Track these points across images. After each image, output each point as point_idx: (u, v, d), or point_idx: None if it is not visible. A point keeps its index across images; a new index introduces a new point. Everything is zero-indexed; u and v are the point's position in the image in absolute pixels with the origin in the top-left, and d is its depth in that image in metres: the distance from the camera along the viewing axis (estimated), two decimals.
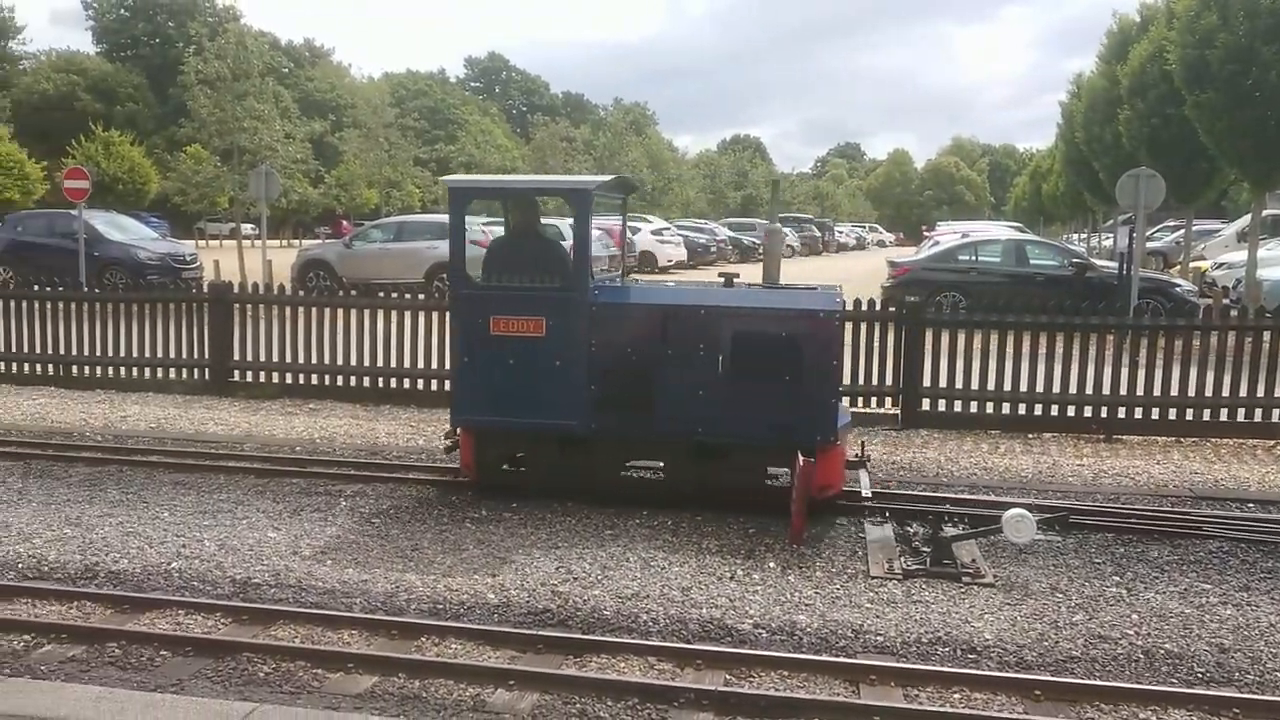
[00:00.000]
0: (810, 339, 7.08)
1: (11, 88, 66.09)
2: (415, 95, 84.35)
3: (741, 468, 7.35)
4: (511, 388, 7.35)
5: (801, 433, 7.04)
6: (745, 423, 7.15)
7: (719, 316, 7.23)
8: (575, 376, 7.26)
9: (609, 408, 7.28)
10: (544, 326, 7.28)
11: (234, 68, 26.35)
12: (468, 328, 7.48)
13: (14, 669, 4.68)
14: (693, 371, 7.18)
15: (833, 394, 7.15)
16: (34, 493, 7.56)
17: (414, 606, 5.55)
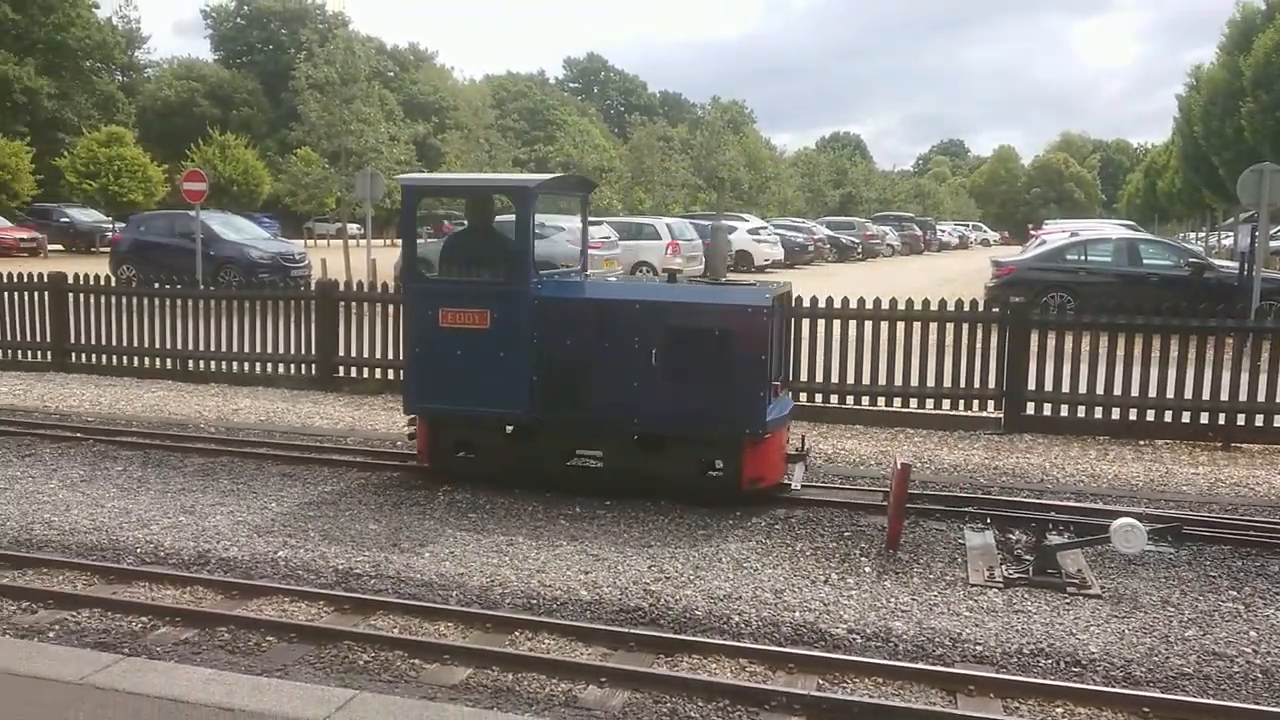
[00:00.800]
0: (738, 333, 7.23)
1: (137, 94, 69.36)
2: (515, 96, 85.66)
3: (678, 458, 7.48)
4: (460, 377, 7.61)
5: (731, 425, 7.22)
6: (678, 414, 7.33)
7: (652, 311, 7.44)
8: (518, 367, 7.50)
9: (550, 398, 7.52)
10: (489, 319, 7.56)
11: (342, 72, 27.14)
12: (419, 319, 7.77)
13: (132, 649, 4.90)
14: (628, 364, 7.37)
15: (761, 387, 7.22)
16: (152, 481, 7.91)
17: (508, 601, 5.63)
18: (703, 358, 7.27)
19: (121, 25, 71.94)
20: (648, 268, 24.35)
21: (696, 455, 7.50)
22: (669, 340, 7.33)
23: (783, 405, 7.77)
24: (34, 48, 58.04)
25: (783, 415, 7.65)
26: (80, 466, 8.30)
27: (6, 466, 8.26)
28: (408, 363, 8.03)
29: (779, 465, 7.60)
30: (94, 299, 12.73)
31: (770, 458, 7.44)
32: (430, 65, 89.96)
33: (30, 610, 5.41)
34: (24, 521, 6.84)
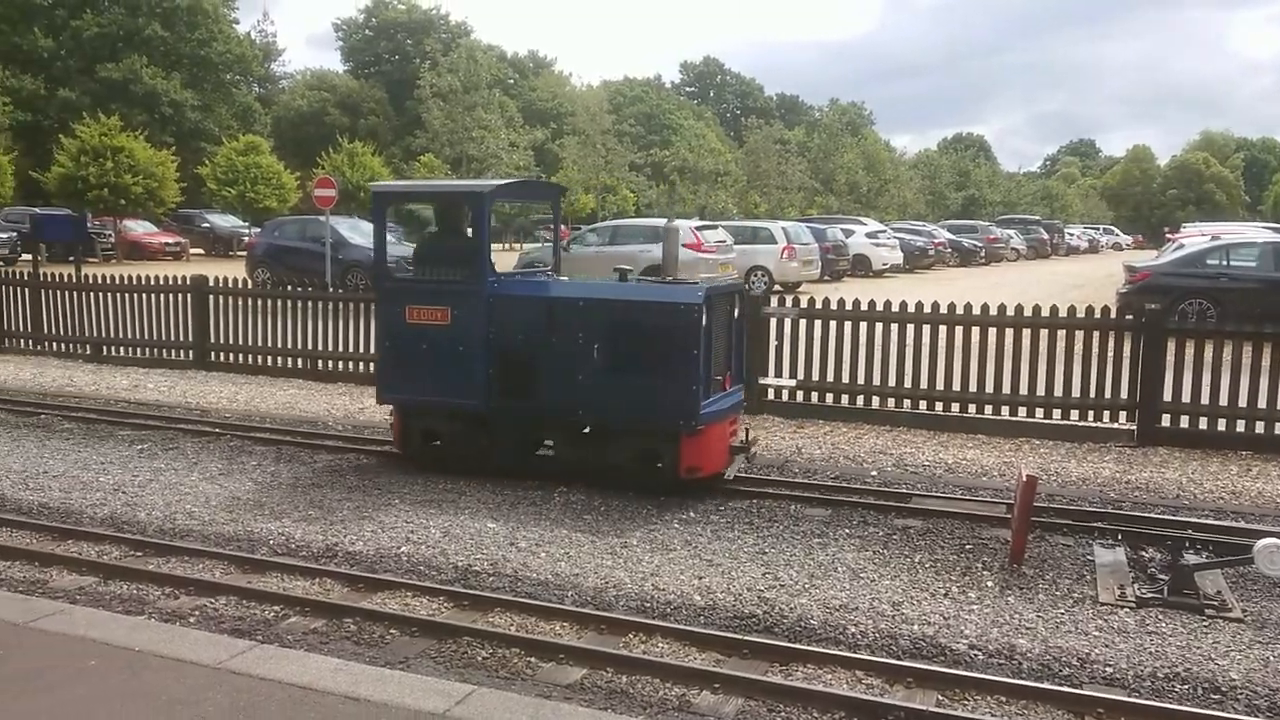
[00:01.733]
0: (672, 329, 7.49)
1: (272, 105, 72.58)
2: (632, 101, 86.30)
3: (622, 448, 7.77)
4: (424, 370, 8.16)
5: (667, 417, 7.49)
6: (619, 406, 7.66)
7: (593, 308, 7.81)
8: (476, 361, 7.97)
9: (505, 390, 7.96)
10: (449, 316, 8.07)
11: (464, 80, 27.91)
12: (388, 316, 8.37)
13: (265, 636, 5.13)
14: (573, 358, 7.74)
15: (695, 380, 7.41)
16: (284, 476, 8.25)
17: (622, 603, 5.67)
18: (639, 353, 7.59)
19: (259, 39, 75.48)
20: (763, 272, 24.19)
21: (638, 445, 7.76)
22: (609, 336, 7.68)
23: (728, 399, 7.97)
24: (180, 62, 61.38)
25: (723, 408, 7.83)
26: (219, 460, 8.72)
27: (152, 459, 8.75)
28: (378, 356, 8.68)
29: (719, 456, 7.79)
30: (232, 301, 13.36)
31: (708, 449, 7.65)
32: (549, 72, 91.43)
33: (173, 596, 5.72)
34: (168, 512, 7.23)
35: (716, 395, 7.77)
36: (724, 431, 7.91)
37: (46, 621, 4.82)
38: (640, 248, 21.38)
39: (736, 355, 8.34)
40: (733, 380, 8.23)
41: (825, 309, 10.55)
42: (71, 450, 9.01)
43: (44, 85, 56.45)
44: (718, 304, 7.84)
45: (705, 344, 7.53)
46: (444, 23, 79.95)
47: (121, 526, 6.93)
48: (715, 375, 7.81)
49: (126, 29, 59.19)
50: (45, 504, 7.43)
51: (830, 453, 9.14)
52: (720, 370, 7.96)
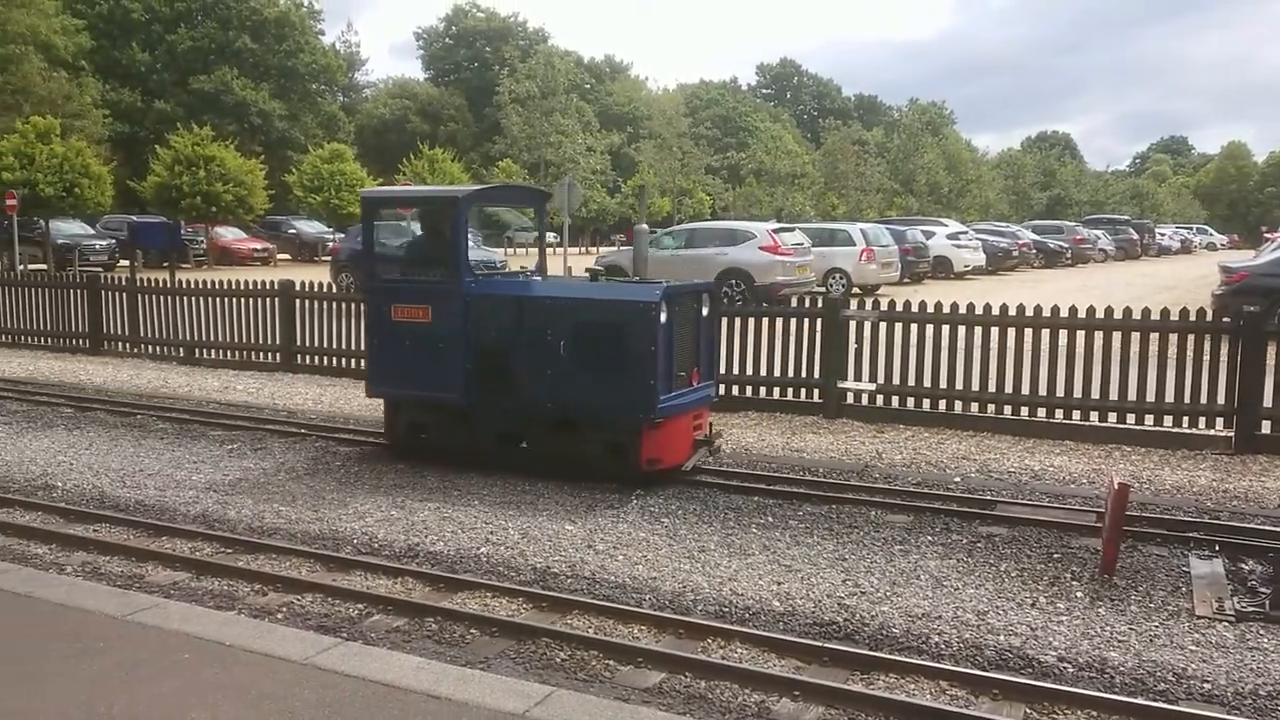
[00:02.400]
0: (630, 327, 7.82)
1: (355, 114, 74.24)
2: (708, 104, 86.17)
3: (589, 440, 8.12)
4: (408, 365, 8.61)
5: (627, 410, 7.83)
6: (584, 400, 8.03)
7: (559, 307, 8.20)
8: (455, 357, 8.38)
9: (482, 384, 8.35)
10: (430, 314, 8.50)
11: (542, 86, 28.17)
12: (376, 314, 8.84)
13: (350, 634, 5.22)
14: (542, 354, 8.12)
15: (652, 376, 7.69)
16: (366, 476, 8.41)
17: (700, 608, 5.64)
18: (601, 349, 7.93)
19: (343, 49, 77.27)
20: (841, 275, 23.92)
21: (603, 438, 8.08)
22: (574, 333, 8.04)
23: (691, 394, 8.25)
24: (268, 73, 63.18)
25: (686, 403, 8.13)
26: (304, 460, 8.92)
27: (242, 459, 8.99)
28: (367, 352, 9.13)
29: (681, 449, 8.12)
30: (317, 305, 13.68)
31: (668, 441, 7.98)
32: (625, 76, 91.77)
33: (262, 593, 5.87)
34: (257, 510, 7.43)
35: (680, 390, 8.08)
36: (686, 425, 8.21)
37: (143, 615, 4.98)
38: (717, 250, 21.31)
39: (706, 352, 8.61)
40: (701, 376, 8.50)
41: (906, 311, 10.38)
42: (166, 449, 9.32)
43: (141, 98, 58.65)
44: (680, 303, 8.14)
45: (664, 341, 7.81)
46: (522, 29, 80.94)
47: (213, 524, 7.14)
48: (678, 371, 8.10)
49: (218, 42, 61.13)
50: (142, 501, 7.69)
51: (911, 458, 8.98)
52: (685, 366, 8.24)
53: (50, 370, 13.99)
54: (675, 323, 8.02)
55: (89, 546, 6.62)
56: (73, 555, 6.51)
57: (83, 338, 15.65)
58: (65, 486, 8.10)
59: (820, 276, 23.13)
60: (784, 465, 8.73)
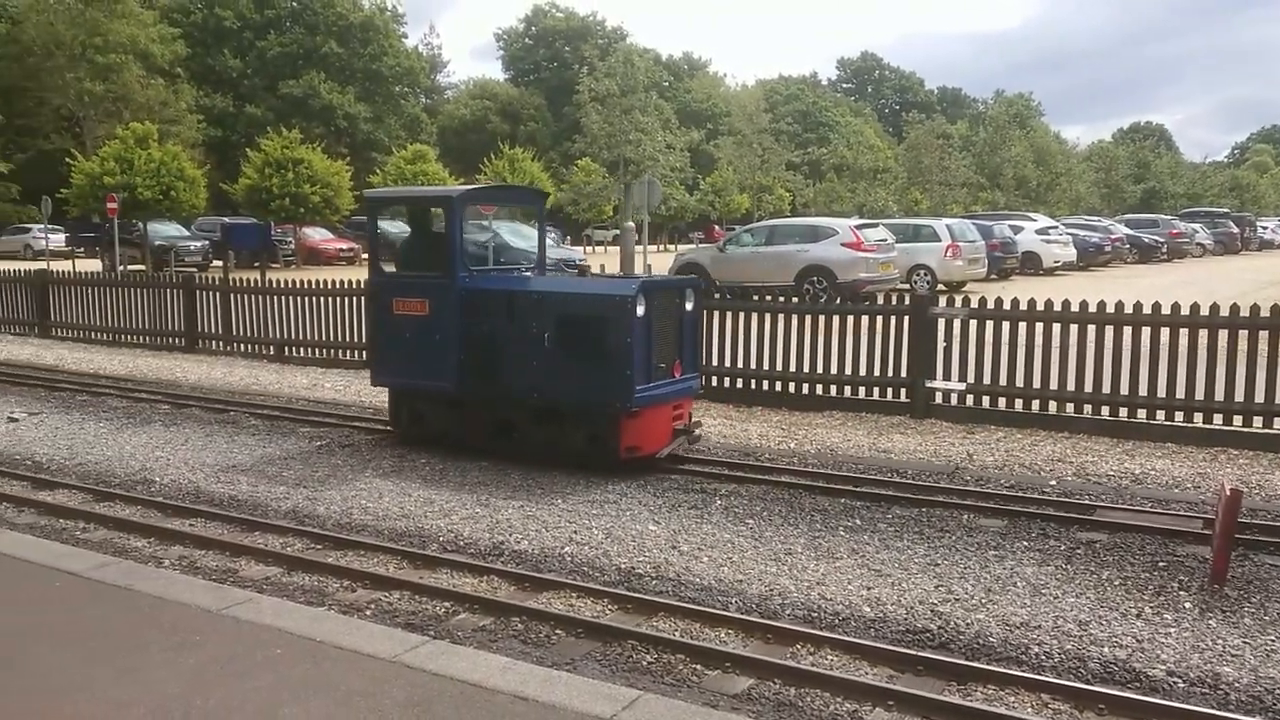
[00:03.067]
0: (607, 319, 8.14)
1: (437, 115, 75.39)
2: (787, 100, 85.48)
3: (572, 428, 8.48)
4: (408, 356, 9.03)
5: (605, 399, 8.15)
6: (566, 389, 8.36)
7: (543, 301, 8.57)
8: (449, 348, 8.78)
9: (475, 374, 8.75)
10: (428, 307, 8.91)
11: (621, 84, 28.17)
12: (379, 308, 9.36)
13: (437, 632, 5.24)
14: (528, 345, 8.49)
15: (629, 366, 7.98)
16: (450, 474, 8.47)
17: (788, 612, 5.53)
18: (581, 341, 8.27)
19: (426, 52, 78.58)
20: (926, 271, 23.43)
21: (585, 426, 8.42)
22: (557, 326, 8.39)
23: (672, 385, 8.50)
24: (354, 77, 64.57)
25: (665, 393, 8.40)
26: (390, 458, 9.02)
27: (330, 455, 9.15)
28: (370, 344, 9.72)
29: (659, 437, 8.40)
30: None
31: (646, 430, 8.29)
32: (704, 73, 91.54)
33: (351, 589, 5.93)
34: (345, 506, 7.53)
35: (660, 381, 8.35)
36: (665, 414, 8.48)
37: (237, 610, 5.06)
38: (797, 247, 21.03)
39: (689, 345, 8.87)
40: (684, 368, 8.73)
41: (997, 309, 10.08)
42: (258, 445, 9.52)
43: (233, 103, 60.46)
44: (659, 297, 8.44)
45: (640, 334, 8.11)
46: (601, 28, 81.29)
47: (303, 520, 7.26)
48: (658, 363, 8.38)
49: (305, 47, 62.69)
50: (235, 496, 7.86)
51: (1004, 460, 8.71)
52: (665, 358, 8.49)
53: (148, 368, 14.45)
54: (654, 316, 8.29)
55: (185, 540, 6.79)
56: (170, 549, 6.67)
57: (179, 336, 16.14)
58: (162, 481, 8.33)
59: (904, 273, 22.67)
60: (870, 466, 8.55)
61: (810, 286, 19.59)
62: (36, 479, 8.35)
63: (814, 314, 11.11)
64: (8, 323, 18.86)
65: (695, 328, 9.07)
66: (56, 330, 17.98)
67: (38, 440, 9.84)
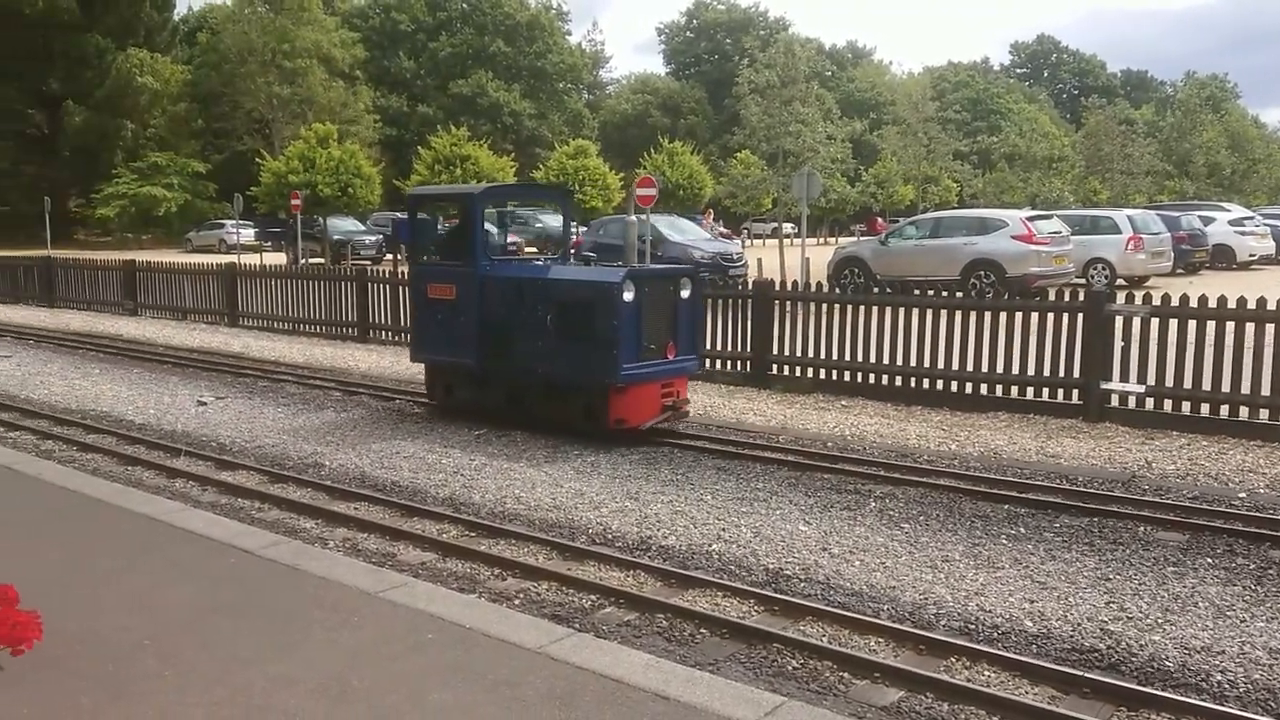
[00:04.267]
0: (597, 303, 8.97)
1: (599, 110, 76.53)
2: (956, 87, 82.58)
3: (570, 401, 9.43)
4: (440, 335, 10.17)
5: (595, 376, 9.02)
6: (565, 367, 9.27)
7: (546, 286, 9.52)
8: (472, 328, 9.76)
9: (491, 352, 9.73)
10: (454, 292, 9.95)
11: (782, 75, 27.75)
12: (416, 293, 10.50)
13: (582, 625, 5.28)
14: (535, 327, 9.39)
15: (615, 346, 8.75)
16: (602, 466, 8.54)
17: (943, 622, 5.30)
18: (576, 323, 9.08)
19: (589, 48, 79.85)
20: (1104, 265, 22.14)
21: (580, 399, 9.32)
22: (557, 309, 9.26)
23: (663, 365, 9.23)
24: (519, 75, 66.31)
25: (654, 372, 9.16)
26: (543, 448, 9.17)
27: (488, 445, 9.37)
28: (411, 325, 11.00)
29: (647, 411, 9.18)
30: None
31: (633, 404, 9.10)
32: (868, 62, 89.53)
33: (501, 577, 6.05)
34: (499, 495, 7.70)
35: (649, 361, 9.09)
36: (653, 391, 9.24)
37: (393, 593, 5.23)
38: (964, 240, 20.24)
39: (685, 329, 9.49)
40: (678, 350, 9.38)
41: (1183, 306, 9.39)
42: (420, 434, 9.86)
43: (406, 102, 63.13)
44: (650, 285, 9.21)
45: (628, 317, 8.84)
46: (762, 19, 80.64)
47: (459, 507, 7.46)
48: (648, 344, 9.08)
49: (474, 47, 64.80)
50: (397, 482, 8.17)
51: (1187, 469, 8.11)
52: (656, 340, 9.18)
53: (323, 356, 15.22)
54: (644, 302, 9.02)
55: (350, 523, 7.09)
56: (335, 531, 6.99)
57: (352, 326, 16.94)
58: (331, 465, 8.73)
59: (1080, 267, 21.47)
60: (1037, 471, 8.12)
61: (977, 281, 18.83)
62: (220, 460, 8.91)
63: (979, 310, 10.64)
64: (202, 312, 20.27)
65: (693, 314, 9.68)
66: (243, 319, 19.20)
67: (222, 423, 10.50)
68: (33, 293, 24.91)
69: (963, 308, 10.78)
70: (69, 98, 52.37)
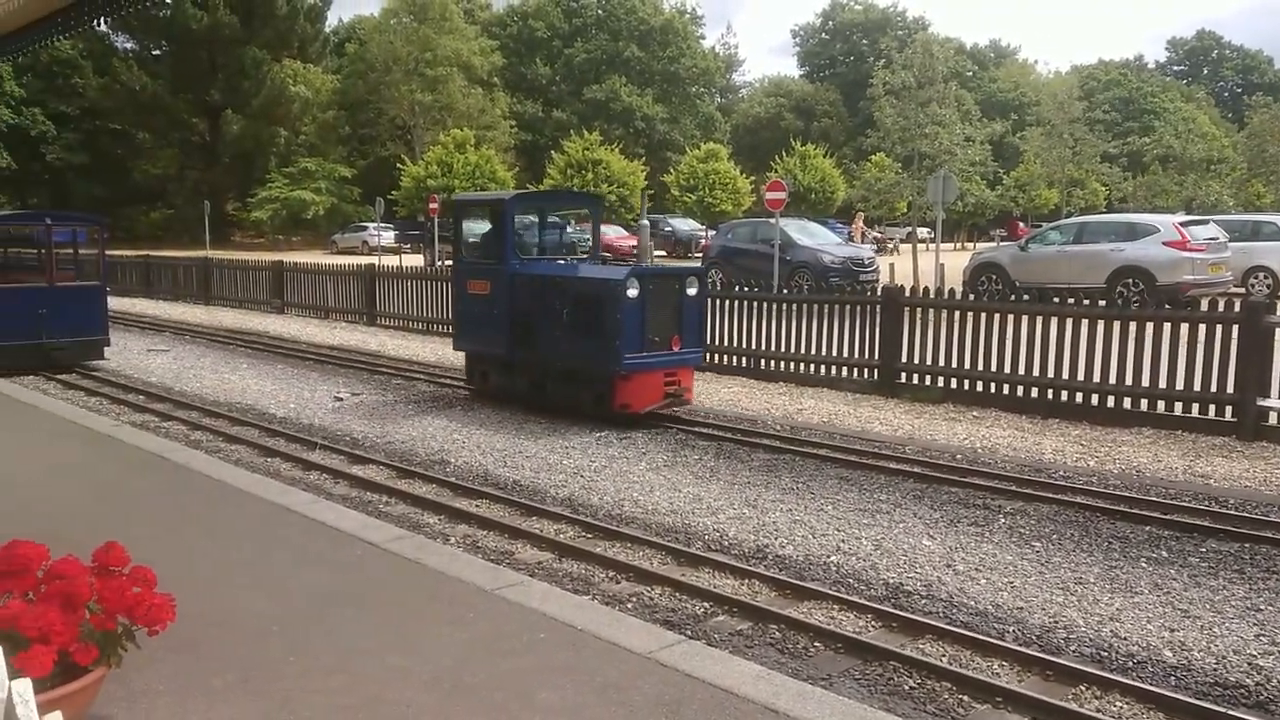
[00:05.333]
0: (603, 299, 9.88)
1: (731, 114, 76.34)
2: (1106, 86, 78.99)
3: (582, 387, 10.35)
4: (477, 327, 11.40)
5: (601, 365, 9.93)
6: (577, 356, 10.26)
7: (562, 283, 10.49)
8: (503, 321, 10.87)
9: (519, 343, 10.81)
10: (489, 288, 11.08)
11: (919, 76, 27.10)
12: (459, 289, 11.81)
13: (694, 632, 5.23)
14: (553, 320, 10.40)
15: (618, 338, 9.66)
16: (722, 472, 8.48)
17: (1073, 648, 5.04)
18: (586, 317, 10.04)
19: (722, 52, 79.75)
20: (1266, 274, 20.76)
21: (590, 386, 10.25)
22: (572, 304, 10.21)
23: (666, 357, 10.07)
24: (652, 79, 66.75)
25: (654, 362, 10.01)
26: (664, 452, 9.19)
27: (608, 447, 9.44)
28: (453, 318, 12.41)
29: (649, 397, 10.03)
30: None
31: (636, 391, 9.96)
32: (1011, 61, 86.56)
33: (615, 580, 6.06)
34: (617, 498, 7.73)
35: (652, 352, 9.95)
36: (656, 380, 10.08)
37: (509, 591, 5.30)
38: (1111, 246, 19.30)
39: (691, 324, 10.32)
40: (684, 343, 10.24)
41: None
42: (544, 434, 10.01)
43: (542, 108, 64.37)
44: (655, 283, 10.17)
45: (630, 312, 9.72)
46: (900, 19, 78.94)
47: (577, 508, 7.52)
48: (651, 337, 9.93)
49: (609, 53, 65.59)
50: (518, 482, 8.30)
51: None
52: (660, 334, 10.03)
53: (455, 356, 15.54)
54: (648, 298, 9.88)
55: (471, 520, 7.24)
56: (457, 527, 7.14)
57: None
58: (456, 463, 8.94)
59: (1239, 276, 20.21)
60: (1184, 492, 7.66)
61: (1124, 289, 17.92)
62: (353, 454, 9.24)
63: (1125, 319, 10.11)
64: (343, 311, 21.12)
65: (699, 310, 10.55)
66: (381, 319, 19.91)
67: (357, 419, 10.90)
68: (191, 291, 26.47)
69: (1106, 317, 10.27)
70: (228, 107, 55.47)
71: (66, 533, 5.37)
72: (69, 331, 13.79)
